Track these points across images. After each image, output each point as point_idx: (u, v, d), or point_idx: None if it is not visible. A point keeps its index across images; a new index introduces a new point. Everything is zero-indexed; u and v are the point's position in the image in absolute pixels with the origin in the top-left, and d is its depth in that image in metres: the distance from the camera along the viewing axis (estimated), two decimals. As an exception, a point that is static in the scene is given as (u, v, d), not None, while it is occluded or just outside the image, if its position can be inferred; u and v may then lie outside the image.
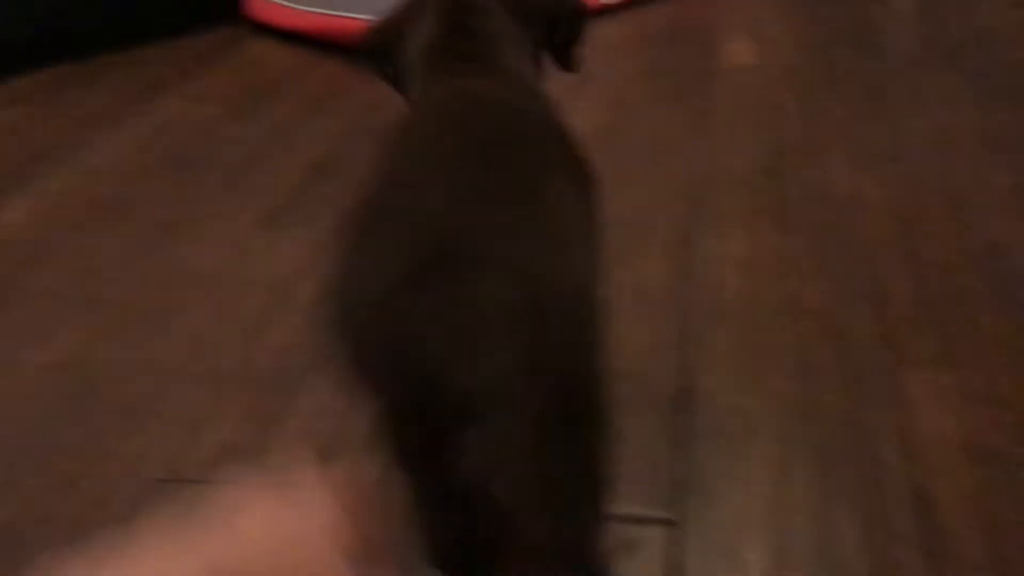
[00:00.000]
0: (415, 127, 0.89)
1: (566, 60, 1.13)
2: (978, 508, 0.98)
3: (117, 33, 2.86)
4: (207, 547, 0.45)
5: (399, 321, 0.67)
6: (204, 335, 1.39)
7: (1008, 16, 2.30)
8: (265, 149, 2.08)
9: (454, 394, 0.65)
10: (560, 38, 1.10)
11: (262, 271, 1.55)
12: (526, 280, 0.67)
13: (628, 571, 0.94)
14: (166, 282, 1.53)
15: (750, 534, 0.97)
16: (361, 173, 0.80)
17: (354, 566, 0.48)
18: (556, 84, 1.06)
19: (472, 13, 1.03)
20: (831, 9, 2.56)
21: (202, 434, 1.18)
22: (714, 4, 2.62)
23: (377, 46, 1.11)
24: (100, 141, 2.11)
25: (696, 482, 1.03)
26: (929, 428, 1.09)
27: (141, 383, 1.28)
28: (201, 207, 1.82)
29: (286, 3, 2.88)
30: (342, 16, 2.64)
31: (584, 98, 2.14)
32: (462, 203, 0.73)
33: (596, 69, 2.14)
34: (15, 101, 2.38)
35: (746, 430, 1.11)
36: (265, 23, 2.99)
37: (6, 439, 1.19)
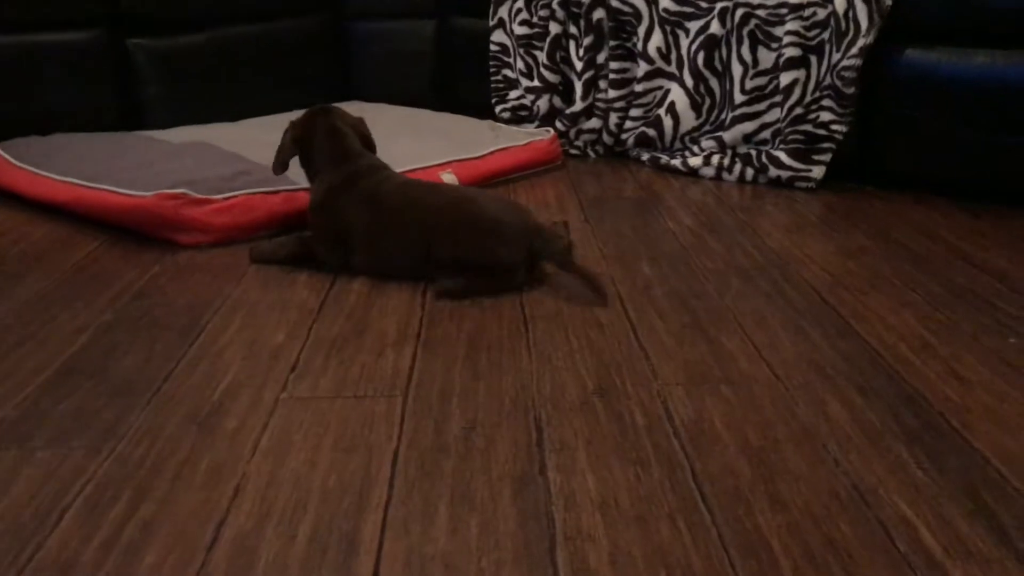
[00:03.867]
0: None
1: None
2: None
3: None
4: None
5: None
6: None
7: (791, 240, 2.36)
8: (1, 340, 1.74)
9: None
10: None
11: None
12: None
13: None
14: None
15: None
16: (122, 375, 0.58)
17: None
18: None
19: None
20: (618, 223, 2.54)
21: None
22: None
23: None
24: None
25: None
26: None
27: None
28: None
29: (37, 171, 2.55)
30: (99, 189, 2.35)
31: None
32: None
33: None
34: None
35: None
36: (11, 191, 2.64)
37: None
